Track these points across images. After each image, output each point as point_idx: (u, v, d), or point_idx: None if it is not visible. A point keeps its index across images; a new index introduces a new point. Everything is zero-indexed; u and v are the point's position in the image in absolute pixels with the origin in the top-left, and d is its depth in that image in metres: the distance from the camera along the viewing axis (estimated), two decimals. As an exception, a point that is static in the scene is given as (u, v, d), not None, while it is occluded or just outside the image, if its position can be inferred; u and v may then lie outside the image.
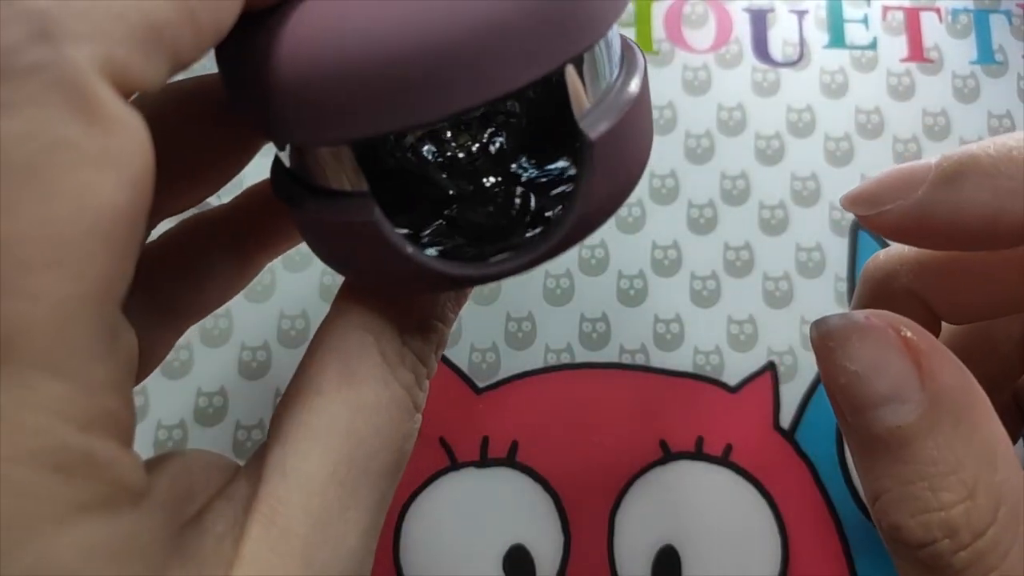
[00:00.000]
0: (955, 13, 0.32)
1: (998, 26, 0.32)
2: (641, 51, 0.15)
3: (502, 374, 0.27)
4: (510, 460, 0.26)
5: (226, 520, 0.12)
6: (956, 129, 0.30)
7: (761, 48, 0.32)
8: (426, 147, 0.15)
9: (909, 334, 0.15)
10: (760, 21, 0.32)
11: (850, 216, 0.29)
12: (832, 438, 0.26)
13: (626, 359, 0.27)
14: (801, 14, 0.32)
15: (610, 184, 0.13)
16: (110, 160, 0.10)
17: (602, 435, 0.26)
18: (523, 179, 0.15)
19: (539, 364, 0.27)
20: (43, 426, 0.09)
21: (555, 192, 0.14)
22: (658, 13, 0.32)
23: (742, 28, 0.32)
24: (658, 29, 0.32)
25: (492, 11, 0.11)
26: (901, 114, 0.31)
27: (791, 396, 0.27)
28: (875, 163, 0.30)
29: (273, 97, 0.11)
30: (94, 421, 0.10)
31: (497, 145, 0.15)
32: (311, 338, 0.14)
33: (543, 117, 0.15)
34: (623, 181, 0.14)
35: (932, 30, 0.32)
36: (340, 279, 0.15)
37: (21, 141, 0.09)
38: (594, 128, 0.12)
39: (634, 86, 0.13)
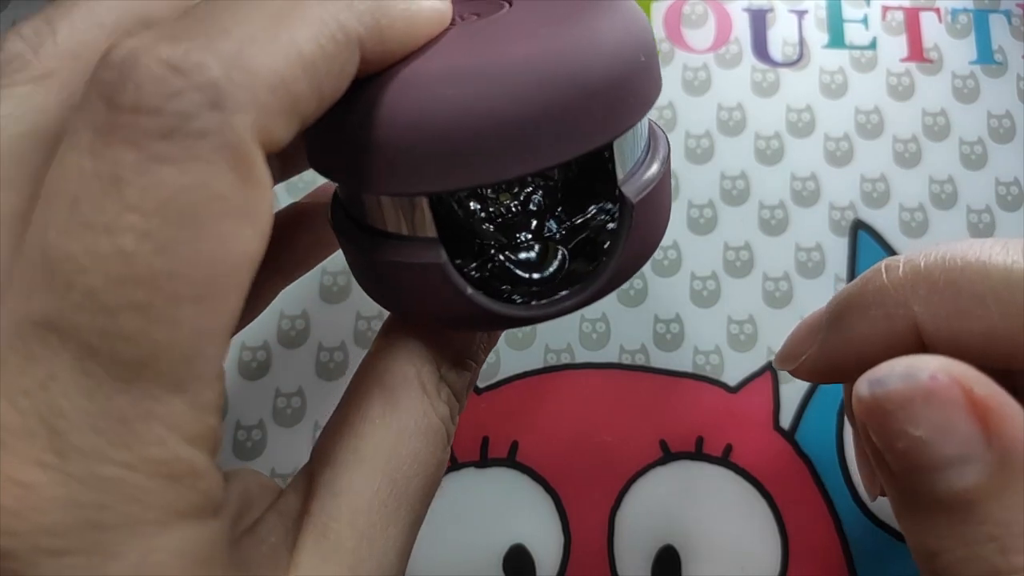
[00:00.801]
0: (955, 13, 0.32)
1: (998, 26, 0.32)
2: (664, 132, 0.17)
3: (502, 374, 0.27)
4: (510, 460, 0.26)
5: (279, 532, 0.14)
6: (956, 129, 0.30)
7: (761, 48, 0.32)
8: (472, 202, 0.16)
9: (976, 391, 0.14)
10: (760, 21, 0.32)
11: (850, 216, 0.29)
12: (832, 438, 0.26)
13: (626, 359, 0.27)
14: (801, 14, 0.32)
15: (642, 242, 0.15)
16: (251, 214, 0.11)
17: (602, 435, 0.26)
18: (554, 233, 0.16)
19: (539, 364, 0.27)
20: (161, 437, 0.11)
21: (577, 240, 0.16)
22: (658, 13, 0.32)
23: (742, 28, 0.32)
24: (658, 29, 0.32)
25: (567, 95, 0.13)
26: (901, 114, 0.31)
27: (791, 396, 0.27)
28: (875, 163, 0.30)
29: (365, 152, 0.13)
30: (199, 437, 0.11)
31: (535, 202, 0.16)
32: (350, 365, 0.16)
33: (571, 178, 0.17)
34: (651, 241, 0.16)
35: (932, 30, 0.32)
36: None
37: (187, 192, 0.11)
38: (635, 193, 0.15)
39: (661, 160, 0.15)
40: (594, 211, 0.16)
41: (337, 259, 0.27)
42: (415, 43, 0.14)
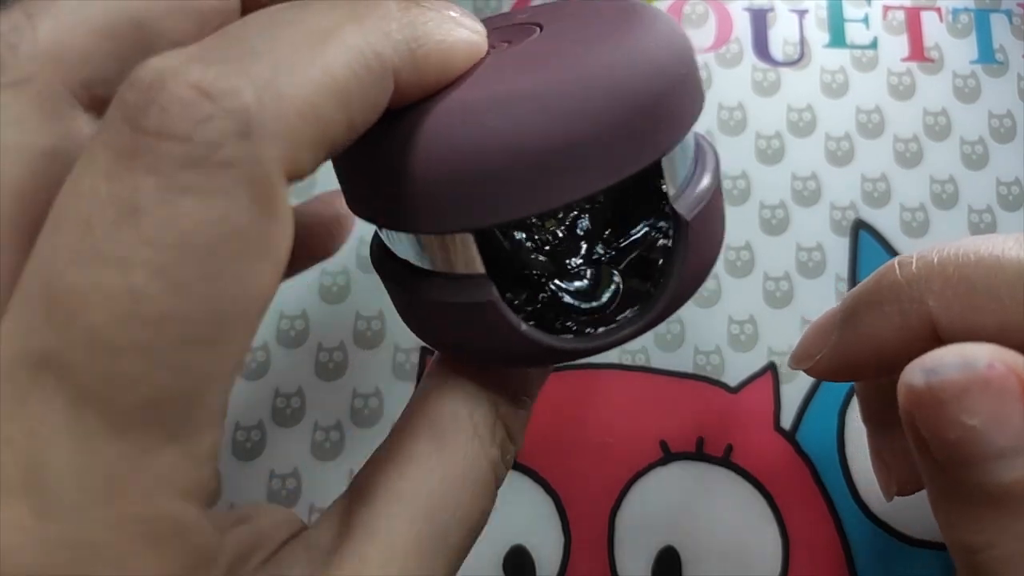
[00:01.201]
0: (956, 13, 0.32)
1: (999, 26, 0.32)
2: (711, 145, 0.16)
3: (502, 374, 0.27)
4: (510, 461, 0.26)
5: (303, 566, 0.13)
6: (956, 129, 0.30)
7: (761, 48, 0.32)
8: (516, 232, 0.16)
9: None
10: (760, 20, 0.32)
11: (851, 215, 0.29)
12: (833, 438, 0.26)
13: (626, 359, 0.27)
14: (801, 13, 0.32)
15: (699, 260, 0.15)
16: (270, 250, 0.11)
17: (602, 435, 0.26)
18: (602, 257, 0.16)
19: (539, 364, 0.27)
20: (150, 493, 0.10)
21: (628, 260, 0.16)
22: (658, 12, 0.32)
23: (742, 27, 0.32)
24: (658, 28, 0.32)
25: (613, 114, 0.12)
26: (902, 114, 0.31)
27: (792, 396, 0.27)
28: (876, 163, 0.30)
29: (404, 189, 0.12)
30: (192, 489, 0.11)
31: (581, 227, 0.16)
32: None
33: (618, 199, 0.16)
34: (708, 257, 0.15)
35: (933, 30, 0.32)
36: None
37: (208, 227, 0.10)
38: (688, 210, 0.14)
39: (711, 173, 0.15)
40: (644, 230, 0.16)
41: (337, 259, 0.27)
42: (451, 74, 0.13)
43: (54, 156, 0.12)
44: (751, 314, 0.28)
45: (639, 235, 0.15)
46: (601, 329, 0.15)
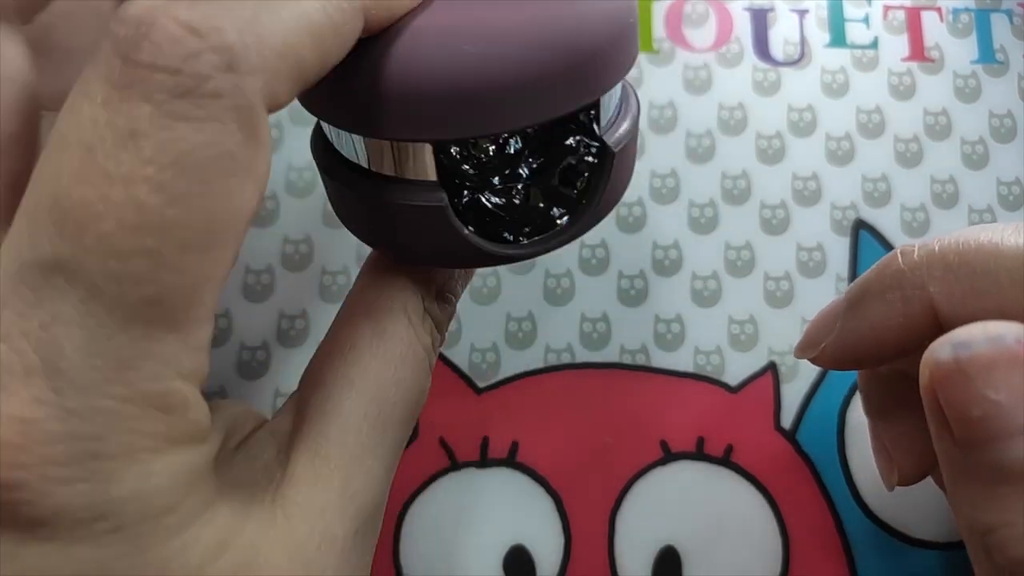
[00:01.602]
0: (956, 13, 0.32)
1: (999, 26, 0.32)
2: (634, 90, 0.19)
3: (502, 374, 0.27)
4: (510, 460, 0.26)
5: (271, 450, 0.15)
6: (957, 129, 0.30)
7: (762, 47, 0.31)
8: (453, 147, 0.18)
9: None
10: (761, 20, 0.32)
11: (852, 215, 0.29)
12: (833, 438, 0.26)
13: (626, 359, 0.27)
14: (802, 13, 0.32)
15: (614, 190, 0.17)
16: (254, 171, 0.12)
17: (602, 435, 0.26)
18: (531, 173, 0.17)
19: (539, 364, 0.27)
20: (157, 373, 0.12)
21: (549, 185, 0.17)
22: (659, 12, 0.32)
23: (743, 27, 0.32)
24: (659, 28, 0.32)
25: (574, 53, 0.14)
26: (902, 113, 0.31)
27: (792, 396, 0.27)
28: (876, 163, 0.30)
29: (374, 101, 0.14)
30: (191, 373, 0.12)
31: (511, 146, 0.17)
32: (342, 300, 0.17)
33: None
34: (621, 188, 0.18)
35: (933, 29, 0.32)
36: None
37: (201, 148, 0.11)
38: (615, 144, 0.17)
39: (632, 117, 0.17)
40: (569, 160, 0.17)
41: (337, 259, 0.27)
42: (416, 2, 0.14)
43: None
44: (751, 314, 0.28)
45: (566, 158, 0.17)
46: (536, 238, 0.17)
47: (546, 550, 0.25)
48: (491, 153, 0.17)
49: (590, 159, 0.17)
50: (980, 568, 0.15)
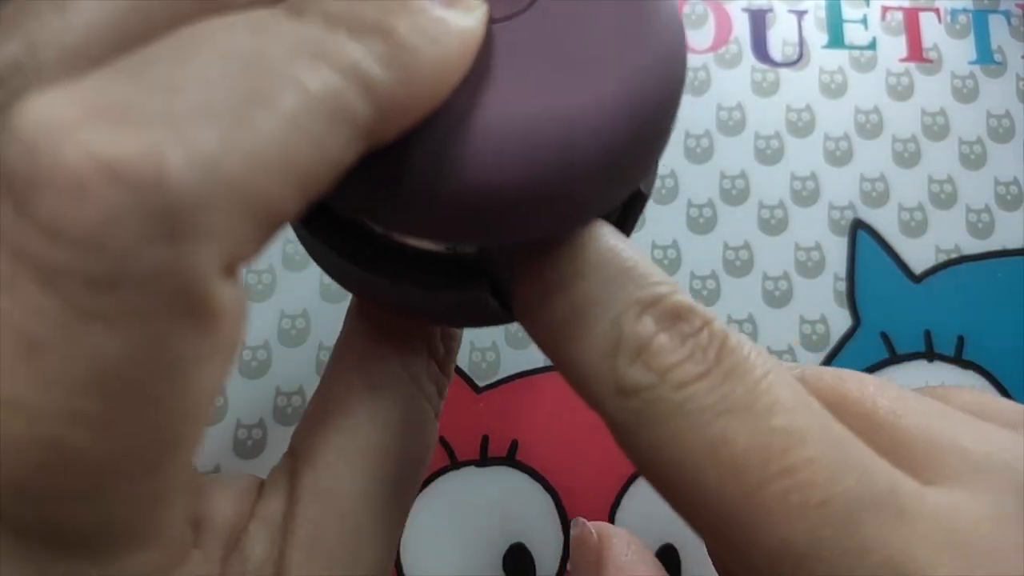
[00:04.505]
0: (954, 13, 0.32)
1: (997, 26, 0.32)
2: None
3: (502, 373, 0.27)
4: (510, 459, 0.26)
5: (263, 543, 0.13)
6: (955, 129, 0.30)
7: (760, 48, 0.32)
8: None
9: (603, 531, 0.19)
10: (759, 21, 0.32)
11: (850, 215, 0.29)
12: (831, 437, 0.26)
13: (626, 358, 0.27)
14: (800, 14, 0.32)
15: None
16: (217, 353, 0.09)
17: (602, 434, 0.26)
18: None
19: (539, 363, 0.27)
20: None
21: None
22: (658, 13, 0.32)
23: (741, 28, 0.32)
24: (658, 29, 0.32)
25: (619, 153, 0.12)
26: (900, 114, 0.31)
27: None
28: (874, 163, 0.30)
29: (402, 195, 0.11)
30: (159, 568, 0.10)
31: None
32: (330, 356, 0.15)
33: None
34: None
35: (931, 30, 0.32)
36: (336, 285, 0.15)
37: (126, 358, 0.08)
38: (649, 190, 0.15)
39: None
40: None
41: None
42: (445, 88, 0.10)
43: None
44: (750, 313, 0.28)
45: None
46: None
47: (546, 548, 0.25)
48: None
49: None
50: None
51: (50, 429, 0.08)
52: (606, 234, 0.13)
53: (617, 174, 0.12)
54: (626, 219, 0.15)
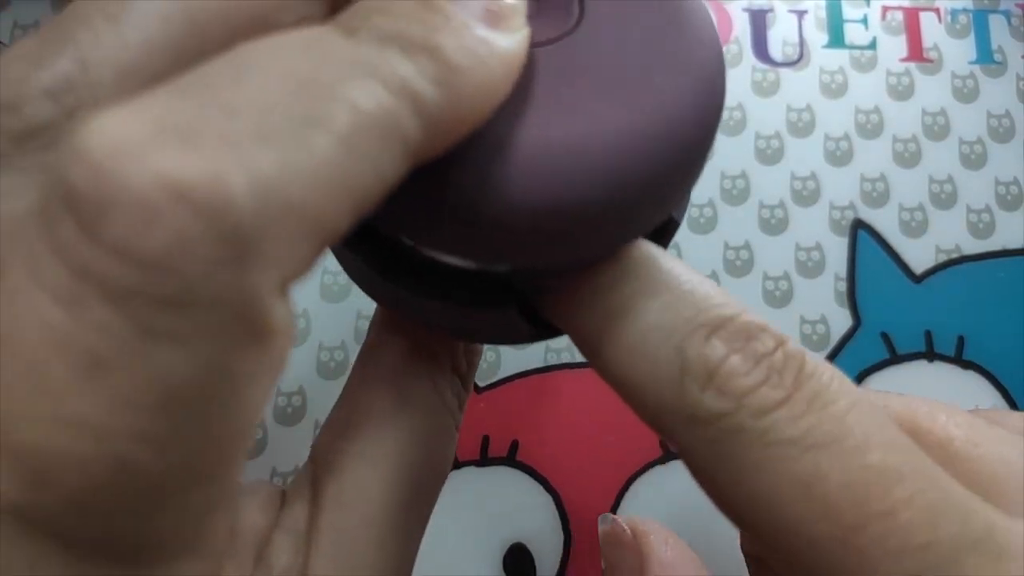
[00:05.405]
0: (954, 13, 0.32)
1: (997, 26, 0.32)
2: None
3: (502, 373, 0.27)
4: (510, 459, 0.26)
5: (288, 553, 0.13)
6: (955, 129, 0.30)
7: (761, 48, 0.32)
8: None
9: (638, 528, 0.18)
10: (760, 21, 0.32)
11: (850, 215, 0.29)
12: (832, 437, 0.26)
13: (626, 358, 0.27)
14: (800, 14, 0.32)
15: None
16: (268, 372, 0.09)
17: (602, 433, 0.26)
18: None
19: (539, 363, 0.27)
20: None
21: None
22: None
23: (742, 28, 0.32)
24: (658, 29, 0.32)
25: (664, 178, 0.12)
26: (900, 114, 0.31)
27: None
28: (875, 163, 0.30)
29: (445, 215, 0.11)
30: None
31: None
32: (351, 364, 0.15)
33: None
34: None
35: (931, 30, 0.32)
36: (339, 280, 0.15)
37: (193, 378, 0.08)
38: (681, 217, 0.15)
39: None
40: None
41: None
42: (489, 108, 0.10)
43: None
44: (750, 313, 0.28)
45: None
46: None
47: (546, 548, 0.25)
48: None
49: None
50: None
51: (115, 446, 0.08)
52: (659, 256, 0.12)
53: (657, 197, 0.12)
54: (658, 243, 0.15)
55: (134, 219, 0.07)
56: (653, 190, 0.12)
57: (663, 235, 0.15)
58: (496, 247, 0.11)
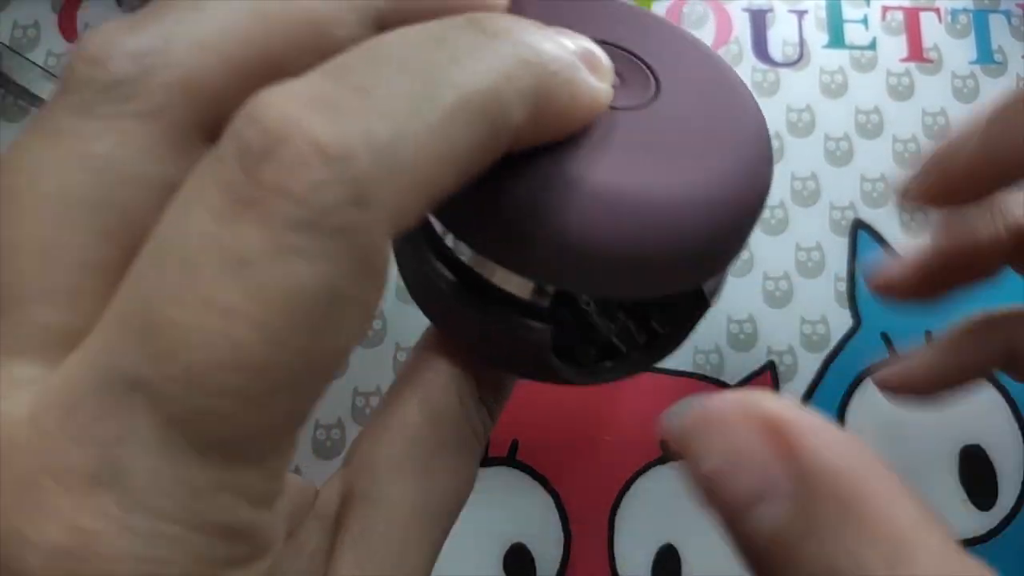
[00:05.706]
0: (954, 13, 0.32)
1: (997, 26, 0.32)
2: None
3: (502, 373, 0.27)
4: (510, 459, 0.26)
5: (317, 538, 0.14)
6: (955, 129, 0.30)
7: (761, 48, 0.32)
8: None
9: (771, 410, 0.11)
10: (760, 21, 0.32)
11: (850, 215, 0.29)
12: (832, 437, 0.26)
13: (626, 358, 0.27)
14: (801, 14, 0.32)
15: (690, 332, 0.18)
16: (366, 309, 0.11)
17: (602, 433, 0.26)
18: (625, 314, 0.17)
19: (539, 363, 0.27)
20: (229, 504, 0.11)
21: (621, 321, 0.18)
22: (658, 13, 0.32)
23: (742, 28, 0.32)
24: (658, 29, 0.32)
25: (729, 230, 0.14)
26: (901, 114, 0.31)
27: (791, 396, 0.27)
28: (875, 163, 0.30)
29: (520, 233, 0.13)
30: (264, 499, 0.12)
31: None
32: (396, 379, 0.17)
33: None
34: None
35: (931, 30, 0.32)
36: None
37: (311, 287, 0.10)
38: (710, 296, 0.17)
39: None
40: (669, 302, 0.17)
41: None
42: (569, 131, 0.13)
43: (174, 189, 0.12)
44: (750, 313, 0.28)
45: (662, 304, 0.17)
46: (608, 363, 0.17)
47: (546, 548, 0.25)
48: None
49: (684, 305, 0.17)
50: None
51: (238, 330, 0.10)
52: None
53: (702, 253, 0.14)
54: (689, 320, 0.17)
55: (288, 163, 0.10)
56: (700, 245, 0.13)
57: (694, 311, 0.17)
58: (548, 265, 0.13)
